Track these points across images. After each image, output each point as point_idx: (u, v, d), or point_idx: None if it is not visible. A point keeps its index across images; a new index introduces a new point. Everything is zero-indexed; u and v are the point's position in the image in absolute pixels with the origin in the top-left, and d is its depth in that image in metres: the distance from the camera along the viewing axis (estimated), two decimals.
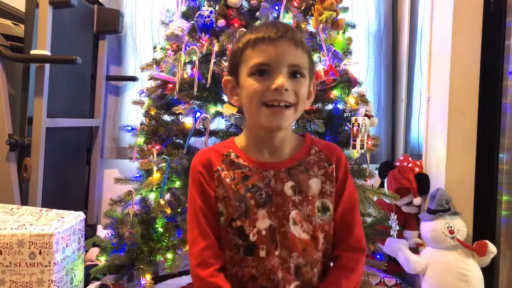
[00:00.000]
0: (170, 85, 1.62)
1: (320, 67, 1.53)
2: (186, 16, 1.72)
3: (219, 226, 0.84)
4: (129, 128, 1.78)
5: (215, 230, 0.84)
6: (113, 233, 1.58)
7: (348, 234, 0.86)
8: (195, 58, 1.58)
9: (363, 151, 1.60)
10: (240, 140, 0.89)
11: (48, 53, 1.71)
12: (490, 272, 1.79)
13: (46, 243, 1.23)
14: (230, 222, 0.82)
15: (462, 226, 1.74)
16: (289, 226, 0.81)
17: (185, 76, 1.63)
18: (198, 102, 1.60)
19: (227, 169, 0.84)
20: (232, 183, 0.83)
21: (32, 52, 1.72)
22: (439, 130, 1.92)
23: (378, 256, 2.01)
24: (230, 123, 1.67)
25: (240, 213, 0.82)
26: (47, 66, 1.74)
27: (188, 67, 1.67)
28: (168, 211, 1.53)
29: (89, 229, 2.18)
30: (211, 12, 1.59)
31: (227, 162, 0.85)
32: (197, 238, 0.83)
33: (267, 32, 0.79)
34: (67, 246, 1.31)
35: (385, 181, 2.07)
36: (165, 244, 1.50)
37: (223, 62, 1.60)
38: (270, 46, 0.78)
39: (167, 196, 1.60)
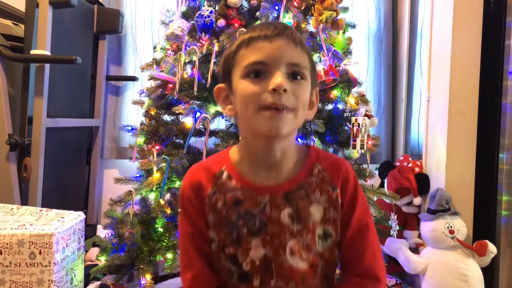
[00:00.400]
0: (170, 85, 1.62)
1: (320, 67, 1.53)
2: (186, 16, 1.72)
3: (211, 251, 0.78)
4: (129, 128, 1.78)
5: (206, 256, 0.77)
6: (113, 233, 1.58)
7: (357, 261, 0.77)
8: (195, 58, 1.58)
9: (363, 151, 1.61)
10: (235, 153, 0.79)
11: (48, 53, 1.71)
12: (490, 272, 1.79)
13: (46, 243, 1.23)
14: (223, 248, 0.76)
15: (462, 226, 1.74)
16: (285, 257, 0.73)
17: (185, 76, 1.63)
18: (198, 102, 1.60)
19: (218, 192, 0.76)
20: (223, 208, 0.75)
21: (32, 52, 1.72)
22: (439, 130, 1.91)
23: None
24: (230, 123, 1.68)
25: (232, 240, 0.75)
26: (47, 66, 1.74)
27: (188, 67, 1.67)
28: (168, 211, 1.53)
29: (89, 229, 2.18)
30: (211, 12, 1.59)
31: (219, 184, 0.76)
32: (186, 267, 0.78)
33: (263, 31, 0.71)
34: (67, 246, 1.31)
35: (385, 181, 2.07)
36: (165, 244, 1.50)
37: None
38: (266, 43, 0.70)
39: (167, 196, 1.60)
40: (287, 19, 1.63)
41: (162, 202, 1.52)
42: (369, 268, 0.77)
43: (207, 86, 1.56)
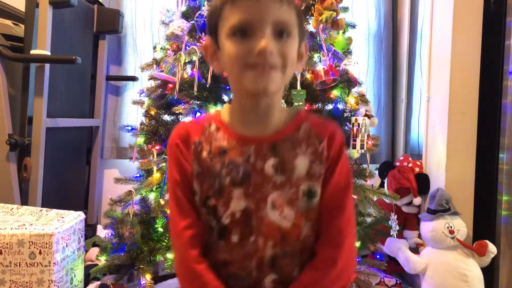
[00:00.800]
0: (170, 85, 1.62)
1: (320, 67, 1.53)
2: (186, 16, 1.72)
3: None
4: (129, 128, 1.78)
5: (195, 206, 0.75)
6: (113, 233, 1.58)
7: (331, 222, 0.74)
8: (195, 58, 1.58)
9: (363, 151, 1.61)
10: (225, 110, 0.80)
11: (48, 53, 1.71)
12: (490, 272, 1.79)
13: (46, 243, 1.23)
14: (205, 200, 0.73)
15: (462, 226, 1.74)
16: (266, 210, 0.71)
17: (185, 76, 1.63)
18: (198, 102, 1.60)
19: (205, 142, 0.75)
20: (208, 157, 0.74)
21: (32, 52, 1.72)
22: (439, 130, 1.92)
23: (378, 256, 2.01)
24: None
25: (214, 191, 0.73)
26: (47, 66, 1.74)
27: (188, 67, 1.67)
28: (168, 211, 1.53)
29: (89, 229, 2.18)
30: None
31: (206, 134, 0.76)
32: (176, 217, 0.75)
33: None
34: (67, 246, 1.31)
35: (385, 181, 2.07)
36: (165, 244, 1.50)
37: None
38: (252, 2, 0.67)
39: (167, 196, 1.60)
40: None
41: (162, 202, 1.52)
42: (340, 232, 0.74)
43: (207, 86, 1.56)
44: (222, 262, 0.73)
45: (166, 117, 1.73)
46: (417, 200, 1.95)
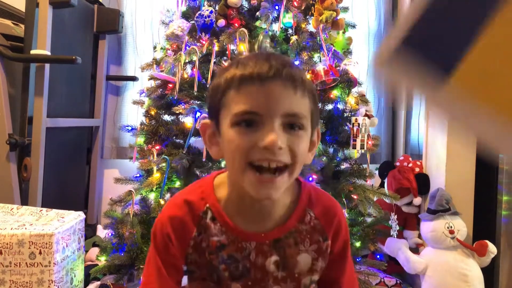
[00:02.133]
0: (170, 85, 1.62)
1: (320, 67, 1.53)
2: (186, 16, 1.72)
3: (177, 279, 0.74)
4: (129, 128, 1.78)
5: (169, 285, 0.72)
6: (113, 233, 1.58)
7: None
8: (195, 58, 1.58)
9: (363, 151, 1.61)
10: (220, 188, 0.72)
11: (48, 53, 1.71)
12: (490, 272, 1.79)
13: (46, 243, 1.23)
14: (203, 279, 0.73)
15: (462, 226, 1.74)
16: None
17: (185, 76, 1.63)
18: (198, 102, 1.60)
19: (203, 234, 0.70)
20: (206, 250, 0.70)
21: (32, 52, 1.72)
22: (439, 130, 1.91)
23: (378, 256, 2.01)
24: None
25: (212, 281, 0.71)
26: (47, 66, 1.74)
27: (188, 67, 1.67)
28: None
29: (89, 229, 2.18)
30: (211, 12, 1.59)
31: (203, 225, 0.70)
32: (144, 285, 0.73)
33: (257, 68, 0.60)
34: (67, 246, 1.31)
35: (385, 181, 2.07)
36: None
37: (223, 62, 1.60)
38: (260, 88, 0.59)
39: (167, 196, 1.60)
40: (287, 19, 1.63)
41: (162, 202, 1.52)
42: None
43: (207, 86, 1.56)
44: None
45: (166, 117, 1.73)
46: (417, 200, 1.95)
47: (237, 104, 0.61)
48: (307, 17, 1.70)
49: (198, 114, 1.55)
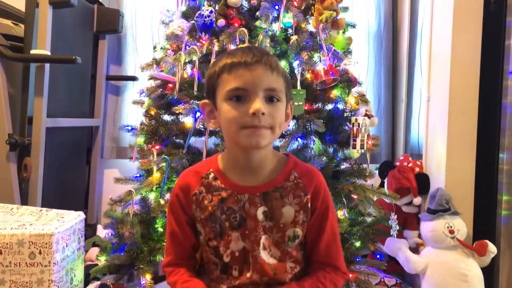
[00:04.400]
0: (170, 85, 1.62)
1: (320, 67, 1.53)
2: (186, 16, 1.72)
3: (191, 246, 0.90)
4: (129, 128, 1.78)
5: (184, 249, 0.90)
6: (113, 233, 1.58)
7: (332, 262, 0.89)
8: (195, 58, 1.58)
9: (363, 151, 1.60)
10: (221, 159, 0.91)
11: (48, 53, 1.71)
12: (490, 272, 1.79)
13: (46, 243, 1.23)
14: (207, 241, 0.86)
15: (462, 226, 1.75)
16: (259, 251, 0.84)
17: (185, 76, 1.63)
18: (198, 102, 1.60)
19: (205, 191, 0.87)
20: (210, 205, 0.86)
21: (32, 52, 1.72)
22: (439, 130, 1.91)
23: (378, 256, 2.01)
24: None
25: (215, 234, 0.85)
26: (47, 66, 1.74)
27: (188, 67, 1.67)
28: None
29: (89, 229, 2.18)
30: (211, 11, 1.59)
31: (206, 184, 0.87)
32: (166, 254, 0.92)
33: (243, 57, 0.80)
34: (67, 246, 1.31)
35: (385, 181, 2.07)
36: (165, 244, 1.50)
37: None
38: (246, 71, 0.79)
39: (167, 196, 1.60)
40: (287, 18, 1.63)
41: (162, 202, 1.52)
42: (341, 268, 0.90)
43: None
44: None
45: (166, 117, 1.73)
46: (417, 200, 1.95)
47: (229, 83, 0.80)
48: (307, 17, 1.70)
49: (198, 114, 1.55)
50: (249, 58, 0.79)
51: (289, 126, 1.47)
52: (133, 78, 2.38)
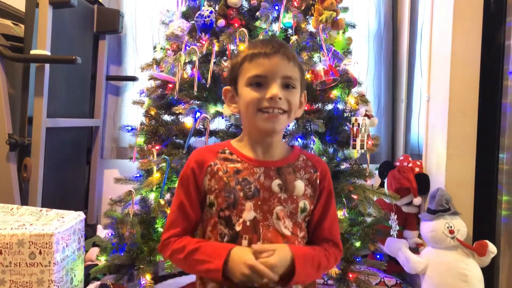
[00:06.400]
0: (170, 85, 1.62)
1: (320, 67, 1.53)
2: (186, 16, 1.72)
3: (196, 222, 0.93)
4: (129, 128, 1.78)
5: (190, 222, 0.92)
6: (113, 233, 1.58)
7: (334, 239, 0.97)
8: (195, 58, 1.58)
9: (363, 151, 1.60)
10: (235, 141, 0.96)
11: (48, 53, 1.71)
12: (490, 272, 1.79)
13: (46, 243, 1.23)
14: (219, 212, 0.89)
15: (462, 226, 1.75)
16: (272, 220, 0.88)
17: (185, 76, 1.63)
18: (198, 102, 1.60)
19: (220, 163, 0.91)
20: (225, 175, 0.90)
21: (32, 52, 1.72)
22: (439, 130, 1.91)
23: (378, 256, 2.01)
24: (230, 123, 1.67)
25: (228, 204, 0.88)
26: (47, 66, 1.74)
27: (188, 67, 1.67)
28: (168, 211, 1.53)
29: (89, 229, 2.18)
30: (211, 12, 1.59)
31: (221, 158, 0.92)
32: (170, 226, 0.93)
33: (263, 48, 0.88)
34: (67, 246, 1.31)
35: (385, 181, 2.07)
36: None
37: (223, 62, 1.60)
38: (266, 60, 0.87)
39: (167, 196, 1.60)
40: (287, 19, 1.63)
41: (162, 202, 1.52)
42: (340, 246, 0.98)
43: (207, 86, 1.56)
44: None
45: (166, 117, 1.73)
46: (417, 200, 1.95)
47: (250, 71, 0.88)
48: (307, 17, 1.70)
49: (198, 114, 1.55)
50: (268, 49, 0.87)
51: (289, 126, 1.51)
52: (133, 78, 2.38)
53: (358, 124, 1.58)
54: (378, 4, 2.45)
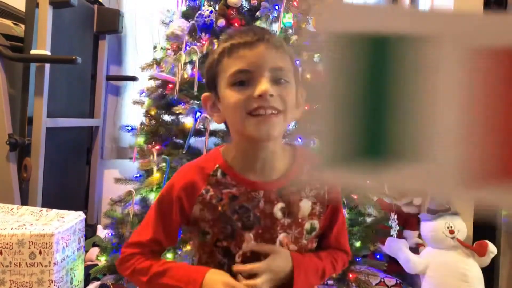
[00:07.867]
0: (170, 85, 1.62)
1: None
2: (186, 16, 1.72)
3: (169, 245, 0.83)
4: (129, 128, 1.78)
5: (161, 246, 0.81)
6: (113, 233, 1.58)
7: (341, 247, 0.88)
8: (195, 58, 1.58)
9: None
10: (227, 152, 0.80)
11: (48, 53, 1.71)
12: (490, 272, 1.79)
13: (46, 243, 1.23)
14: (216, 242, 0.78)
15: (462, 226, 1.74)
16: None
17: (185, 76, 1.63)
18: (198, 102, 1.60)
19: (213, 190, 0.77)
20: (219, 204, 0.77)
21: (32, 52, 1.72)
22: None
23: (378, 256, 2.01)
24: None
25: (226, 235, 0.77)
26: (47, 66, 1.74)
27: (188, 67, 1.67)
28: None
29: (89, 229, 2.18)
30: (211, 12, 1.59)
31: (213, 182, 0.77)
32: (136, 234, 0.82)
33: (243, 37, 0.71)
34: (67, 246, 1.31)
35: None
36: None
37: None
38: (248, 51, 0.70)
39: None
40: (287, 19, 1.63)
41: None
42: (349, 254, 0.89)
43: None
44: None
45: (166, 117, 1.73)
46: (417, 200, 1.95)
47: (231, 67, 0.71)
48: (307, 17, 1.70)
49: (198, 114, 1.55)
50: (249, 38, 0.70)
51: (289, 126, 1.44)
52: (133, 78, 2.38)
53: None
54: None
